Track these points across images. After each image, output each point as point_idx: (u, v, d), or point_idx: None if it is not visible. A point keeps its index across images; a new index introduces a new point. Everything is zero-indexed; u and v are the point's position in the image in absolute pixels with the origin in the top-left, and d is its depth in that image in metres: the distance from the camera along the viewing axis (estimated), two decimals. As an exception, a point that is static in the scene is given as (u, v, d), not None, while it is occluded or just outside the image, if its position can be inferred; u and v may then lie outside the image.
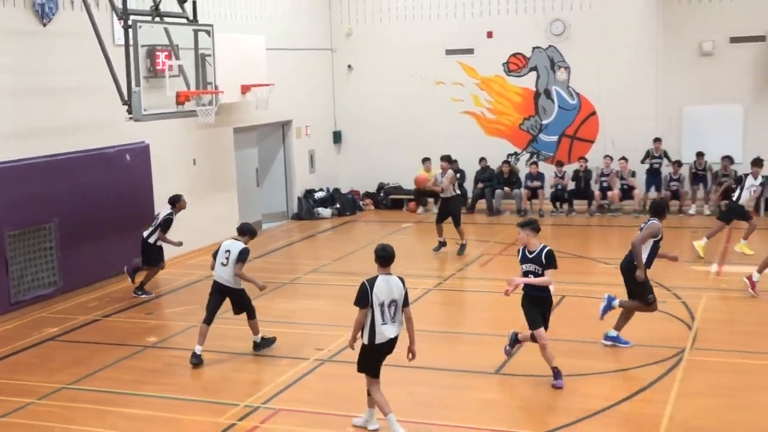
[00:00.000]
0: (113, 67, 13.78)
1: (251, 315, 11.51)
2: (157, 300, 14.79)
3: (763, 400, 9.52)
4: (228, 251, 11.21)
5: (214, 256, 11.38)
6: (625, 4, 21.14)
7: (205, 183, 18.32)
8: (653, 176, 21.09)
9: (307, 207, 22.34)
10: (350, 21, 23.65)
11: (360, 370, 8.76)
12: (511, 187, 21.95)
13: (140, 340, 12.39)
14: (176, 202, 14.82)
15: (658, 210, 11.29)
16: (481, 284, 15.04)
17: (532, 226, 10.01)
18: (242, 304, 11.47)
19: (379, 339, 8.45)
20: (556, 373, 9.85)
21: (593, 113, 21.97)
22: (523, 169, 22.22)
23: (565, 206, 21.49)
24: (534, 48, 22.24)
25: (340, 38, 23.78)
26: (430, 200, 22.44)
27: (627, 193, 21.00)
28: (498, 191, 21.90)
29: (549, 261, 9.80)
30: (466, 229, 17.82)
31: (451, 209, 17.29)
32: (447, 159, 17.54)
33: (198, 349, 11.18)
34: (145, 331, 12.91)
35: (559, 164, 21.79)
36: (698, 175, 20.81)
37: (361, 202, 23.46)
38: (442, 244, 17.50)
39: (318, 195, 22.77)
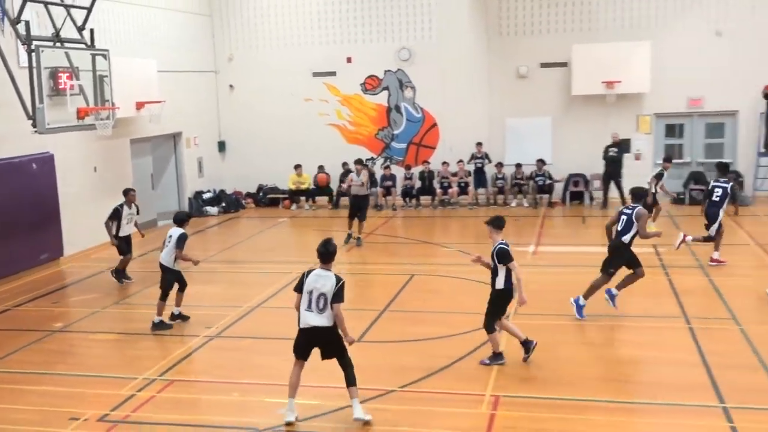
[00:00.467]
0: (18, 86, 13.07)
1: (182, 287, 11.59)
2: (61, 290, 14.15)
3: (569, 352, 9.96)
4: (170, 236, 11.30)
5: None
6: (460, 36, 21.58)
7: (106, 187, 17.62)
8: (478, 175, 21.68)
9: (197, 206, 21.85)
10: (231, 48, 23.25)
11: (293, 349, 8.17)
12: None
13: (48, 326, 11.83)
14: (126, 194, 14.01)
15: (642, 196, 11.30)
16: (345, 267, 15.10)
17: (494, 224, 9.33)
18: (173, 282, 11.45)
19: (302, 324, 7.97)
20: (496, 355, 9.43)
21: (435, 125, 22.39)
22: (378, 171, 22.44)
23: (414, 201, 21.84)
24: (386, 71, 22.45)
25: (223, 62, 23.33)
26: (302, 198, 22.43)
27: (463, 189, 21.53)
28: (358, 190, 21.99)
29: (498, 257, 9.17)
30: (334, 222, 17.84)
31: (362, 205, 16.79)
32: (360, 162, 17.36)
33: (156, 318, 11.30)
34: (52, 318, 12.33)
35: (408, 168, 22.13)
36: (518, 183, 21.44)
37: (243, 201, 23.13)
38: (350, 236, 16.85)
39: (206, 196, 22.32)
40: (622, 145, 20.55)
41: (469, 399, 8.59)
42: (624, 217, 11.10)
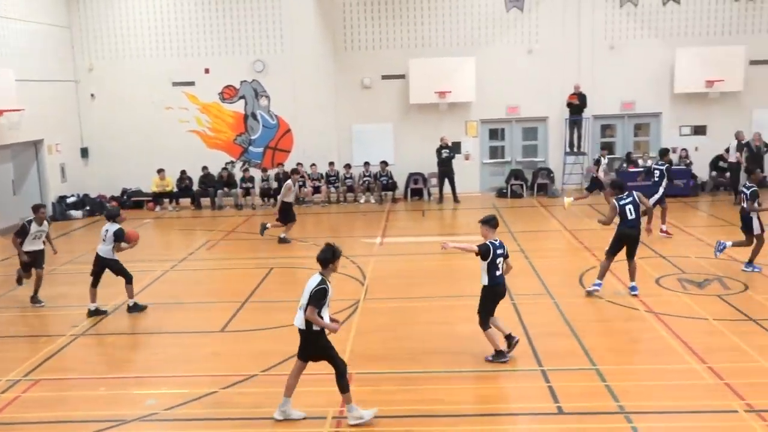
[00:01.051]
0: None
1: (128, 280, 11.15)
2: None
3: (414, 330, 10.14)
4: (106, 231, 11.02)
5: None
6: (308, 50, 21.47)
7: (-36, 194, 16.12)
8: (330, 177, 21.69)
9: (61, 210, 20.41)
10: (91, 58, 21.88)
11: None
12: (230, 187, 21.58)
13: None
14: (35, 211, 11.97)
15: (621, 186, 11.33)
16: (208, 263, 14.65)
17: (490, 223, 8.77)
18: (119, 271, 11.16)
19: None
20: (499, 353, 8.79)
21: (288, 130, 22.16)
22: (238, 174, 21.91)
23: (271, 201, 21.49)
24: (242, 81, 21.96)
25: (84, 72, 21.92)
26: (166, 200, 21.53)
27: (317, 189, 21.45)
28: (219, 191, 21.43)
29: (481, 254, 8.58)
30: (197, 221, 17.23)
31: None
32: (295, 171, 16.91)
33: (92, 306, 11.01)
34: None
35: (264, 170, 21.76)
36: (366, 180, 21.69)
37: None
38: (284, 240, 15.97)
39: (70, 200, 20.88)
40: (453, 147, 21.24)
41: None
42: (631, 207, 10.99)
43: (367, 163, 21.52)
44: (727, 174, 20.38)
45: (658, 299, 11.03)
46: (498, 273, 8.73)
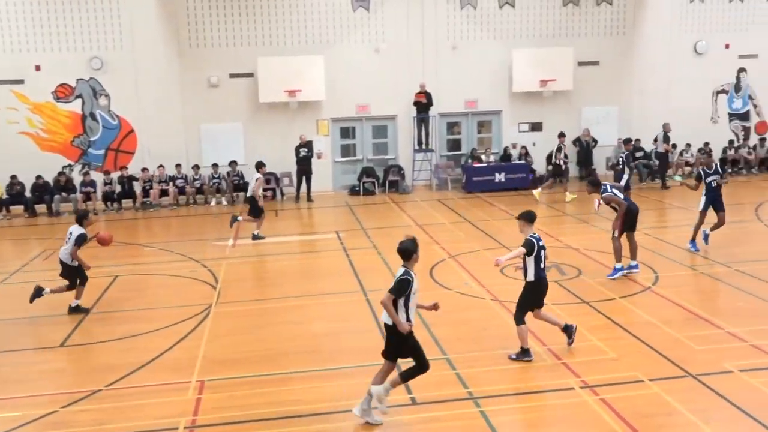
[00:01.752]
0: None
1: (69, 287, 10.84)
2: None
3: (269, 332, 10.04)
4: (70, 233, 10.65)
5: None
6: (151, 46, 20.59)
7: None
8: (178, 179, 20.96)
9: None
10: None
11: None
12: (68, 192, 20.25)
13: None
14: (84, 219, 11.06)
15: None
16: (44, 275, 13.64)
17: (527, 218, 8.63)
18: (69, 276, 10.81)
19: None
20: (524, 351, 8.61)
21: (132, 131, 21.13)
22: (78, 178, 20.61)
23: (115, 205, 20.43)
24: (78, 79, 20.66)
25: None
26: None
27: (164, 191, 20.63)
28: (56, 196, 20.05)
29: (526, 248, 8.44)
30: (30, 230, 15.99)
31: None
32: (262, 164, 16.16)
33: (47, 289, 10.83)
34: None
35: (107, 173, 20.62)
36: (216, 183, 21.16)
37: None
38: (258, 237, 15.61)
39: None
40: (310, 146, 21.23)
41: (176, 387, 8.25)
42: (616, 191, 11.84)
43: (215, 165, 20.99)
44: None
45: (503, 288, 11.60)
46: (542, 266, 8.58)
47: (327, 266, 13.53)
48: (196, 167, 21.01)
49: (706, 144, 22.68)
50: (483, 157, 21.90)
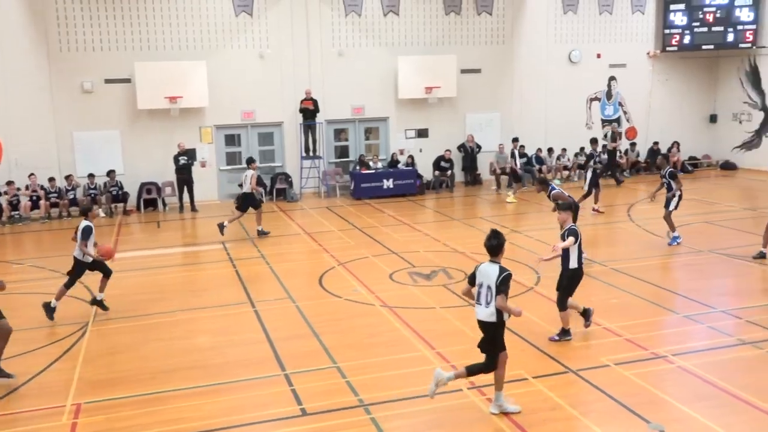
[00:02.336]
0: None
1: (67, 284, 10.83)
2: None
3: (152, 348, 9.67)
4: (77, 229, 10.66)
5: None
6: (17, 50, 19.36)
7: None
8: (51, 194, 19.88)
9: None
10: None
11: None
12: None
13: None
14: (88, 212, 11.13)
15: (546, 183, 12.93)
16: None
17: (571, 208, 9.43)
18: (73, 272, 10.84)
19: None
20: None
21: (-3, 140, 19.82)
22: (-66, 191, 19.08)
23: (-20, 219, 19.08)
24: (-67, 84, 19.16)
25: None
26: None
27: (35, 203, 19.45)
28: None
29: (568, 234, 9.12)
30: None
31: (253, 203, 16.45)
32: (252, 160, 16.93)
33: (53, 302, 10.76)
34: None
35: (-31, 184, 19.23)
36: (92, 194, 20.20)
37: None
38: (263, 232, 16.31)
39: None
40: (191, 153, 20.66)
41: (50, 412, 7.80)
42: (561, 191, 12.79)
43: (91, 175, 20.03)
44: (449, 172, 22.44)
45: (392, 293, 11.76)
46: (583, 255, 9.39)
47: (213, 278, 13.22)
48: (69, 177, 19.96)
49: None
50: (371, 163, 22.12)
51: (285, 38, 21.70)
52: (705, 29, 24.22)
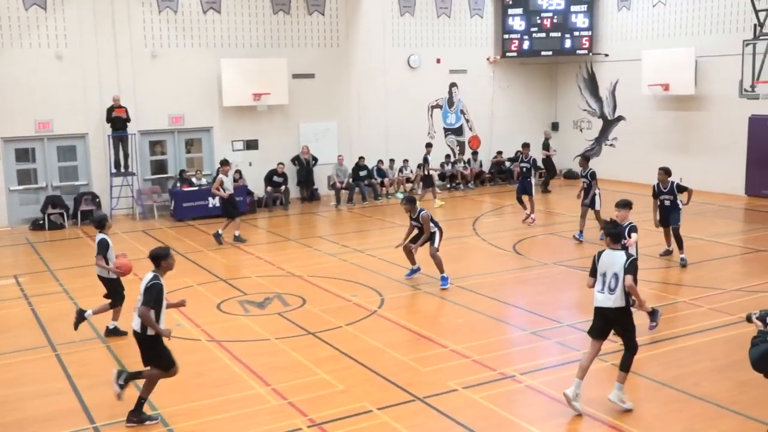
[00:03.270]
0: None
1: (114, 304, 11.15)
2: None
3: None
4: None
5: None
6: None
7: None
8: None
9: None
10: None
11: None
12: None
13: None
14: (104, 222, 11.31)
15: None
16: None
17: (629, 206, 11.40)
18: (110, 291, 11.22)
19: (596, 303, 8.46)
20: None
21: None
22: None
23: None
24: None
25: None
26: None
27: None
28: None
29: (630, 232, 10.84)
30: None
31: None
32: (226, 162, 18.15)
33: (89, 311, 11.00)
34: None
35: None
36: None
37: None
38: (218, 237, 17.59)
39: None
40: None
41: None
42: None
43: None
44: (282, 188, 22.44)
45: (221, 326, 11.55)
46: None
47: (3, 319, 12.32)
48: None
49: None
50: (194, 179, 21.64)
51: (87, 36, 20.76)
52: (543, 35, 26.09)
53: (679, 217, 14.40)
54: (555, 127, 27.95)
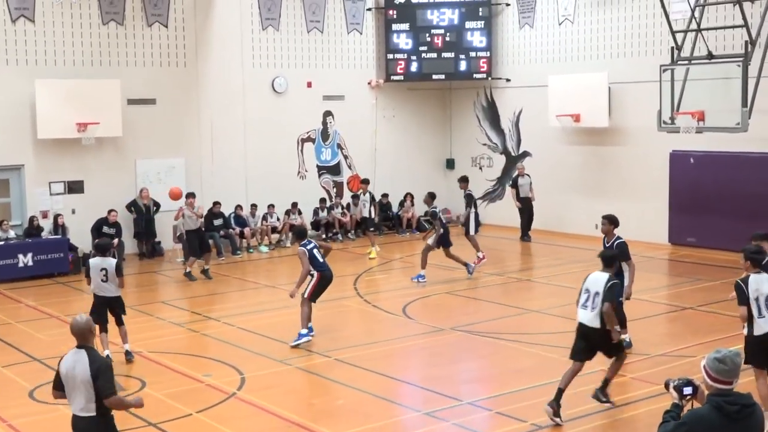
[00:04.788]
0: None
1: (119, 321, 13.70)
2: None
3: None
4: (104, 269, 13.35)
5: (87, 275, 13.70)
6: None
7: None
8: None
9: None
10: None
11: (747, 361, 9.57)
12: None
13: None
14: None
15: (303, 234, 14.97)
16: None
17: (616, 222, 13.27)
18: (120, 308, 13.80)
19: (757, 331, 9.93)
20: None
21: None
22: None
23: None
24: None
25: None
26: None
27: None
28: None
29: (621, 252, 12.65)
30: None
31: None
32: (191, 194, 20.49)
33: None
34: None
35: None
36: None
37: None
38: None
39: None
40: None
41: None
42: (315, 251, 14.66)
43: None
44: (115, 241, 21.96)
45: (34, 419, 11.18)
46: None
47: None
48: None
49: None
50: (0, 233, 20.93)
51: None
52: (434, 55, 26.94)
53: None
54: (451, 164, 28.73)
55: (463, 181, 21.24)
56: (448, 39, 26.91)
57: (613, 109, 23.81)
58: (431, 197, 19.82)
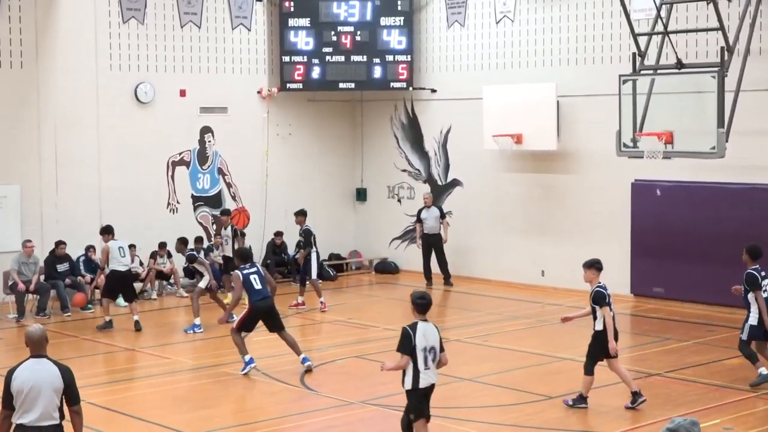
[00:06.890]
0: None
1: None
2: None
3: None
4: (121, 247, 20.23)
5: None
6: None
7: None
8: None
9: None
10: None
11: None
12: None
13: None
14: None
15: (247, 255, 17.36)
16: None
17: (596, 266, 14.25)
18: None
19: (423, 384, 11.03)
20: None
21: None
22: None
23: None
24: None
25: None
26: None
27: None
28: None
29: (594, 300, 14.10)
30: None
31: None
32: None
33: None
34: None
35: None
36: None
37: None
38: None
39: None
40: None
41: None
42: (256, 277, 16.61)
43: None
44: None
45: None
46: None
47: None
48: None
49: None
50: None
51: None
52: (341, 58, 26.93)
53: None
54: (362, 195, 28.67)
55: (301, 214, 22.90)
56: (358, 39, 26.91)
57: (563, 129, 24.03)
58: (183, 243, 21.98)
